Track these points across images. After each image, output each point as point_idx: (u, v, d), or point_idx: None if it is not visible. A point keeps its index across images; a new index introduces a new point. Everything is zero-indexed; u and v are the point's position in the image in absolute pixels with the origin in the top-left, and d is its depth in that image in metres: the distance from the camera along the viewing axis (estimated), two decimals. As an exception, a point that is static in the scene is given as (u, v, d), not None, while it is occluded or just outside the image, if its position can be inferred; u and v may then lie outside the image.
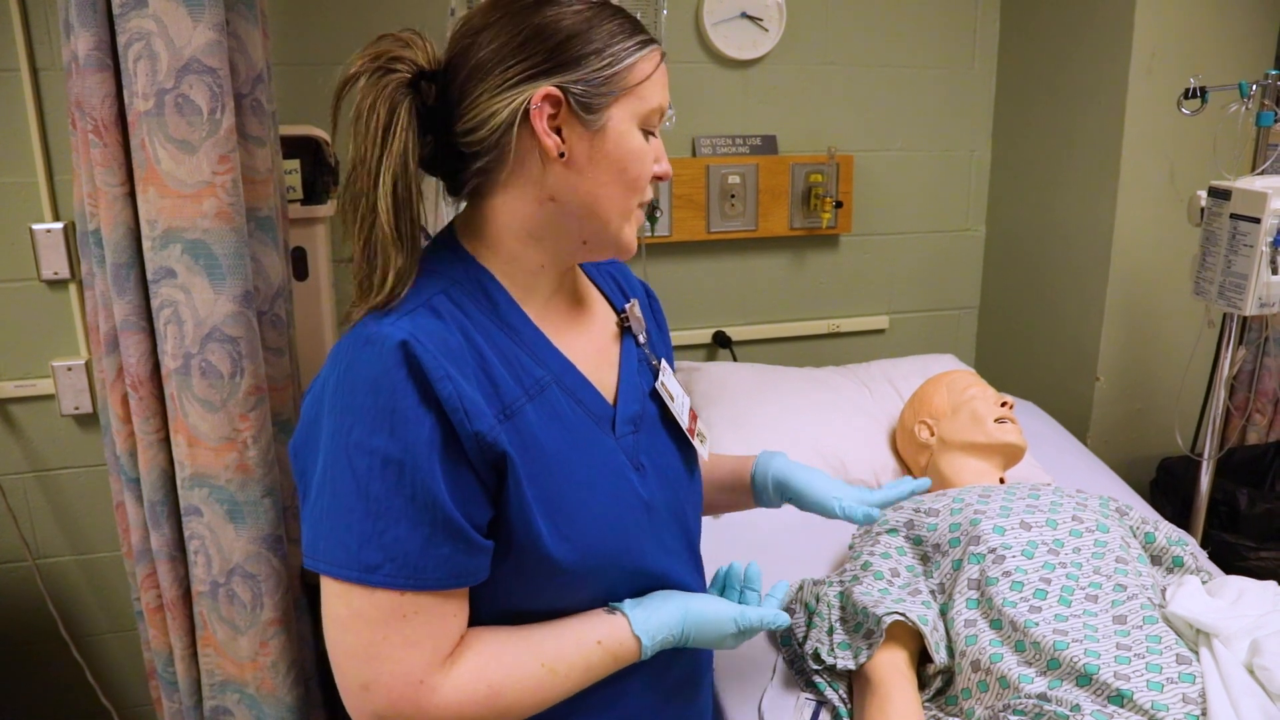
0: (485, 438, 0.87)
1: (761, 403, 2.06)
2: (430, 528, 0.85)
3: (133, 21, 1.25)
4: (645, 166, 0.96)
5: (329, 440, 0.86)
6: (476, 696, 0.89)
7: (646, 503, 1.01)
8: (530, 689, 0.92)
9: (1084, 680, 1.17)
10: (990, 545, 1.39)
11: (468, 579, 0.89)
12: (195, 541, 1.43)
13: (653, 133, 0.98)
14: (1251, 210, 1.71)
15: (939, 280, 2.68)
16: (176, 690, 1.57)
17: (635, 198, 0.97)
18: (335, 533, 0.85)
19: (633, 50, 0.93)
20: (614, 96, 0.92)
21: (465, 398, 0.86)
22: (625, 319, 1.11)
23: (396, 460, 0.83)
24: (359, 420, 0.84)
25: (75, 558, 2.11)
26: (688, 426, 1.10)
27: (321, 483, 0.87)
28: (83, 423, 2.04)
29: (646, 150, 0.96)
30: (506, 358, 0.94)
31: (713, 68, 2.32)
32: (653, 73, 0.95)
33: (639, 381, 1.08)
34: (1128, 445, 2.35)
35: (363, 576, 0.84)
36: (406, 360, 0.84)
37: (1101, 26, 2.17)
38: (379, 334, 0.85)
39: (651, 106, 0.95)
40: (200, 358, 1.34)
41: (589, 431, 0.99)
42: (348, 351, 0.87)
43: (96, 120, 1.30)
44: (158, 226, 1.31)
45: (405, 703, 0.86)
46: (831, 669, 1.36)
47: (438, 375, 0.84)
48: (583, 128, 0.92)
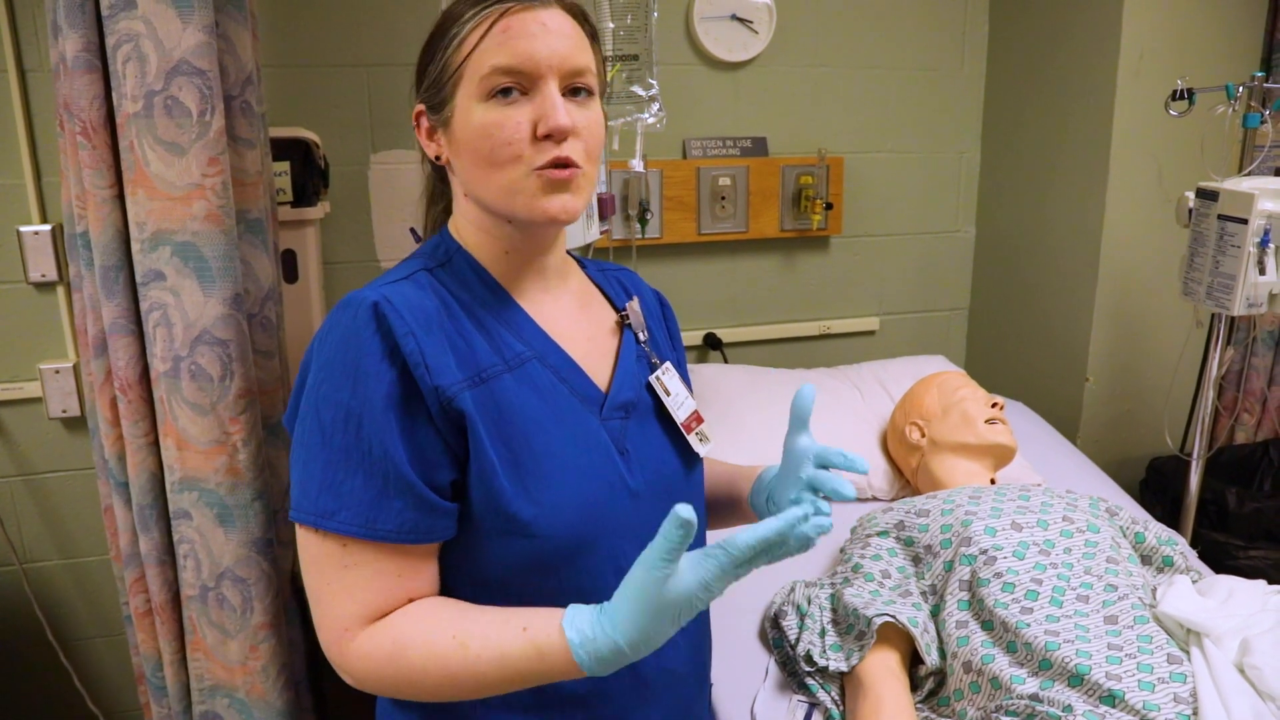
0: (445, 392, 0.89)
1: (753, 404, 2.06)
2: (384, 480, 0.88)
3: (121, 23, 1.24)
4: (499, 137, 0.92)
5: (307, 396, 0.91)
6: (380, 650, 0.89)
7: (632, 489, 1.01)
8: (435, 657, 0.86)
9: (1076, 681, 1.17)
10: (981, 546, 1.39)
11: (422, 536, 0.90)
12: (185, 545, 1.42)
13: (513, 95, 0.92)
14: (1239, 211, 1.72)
15: (929, 281, 2.68)
16: (165, 695, 1.56)
17: (509, 170, 0.93)
18: (302, 481, 0.90)
19: (458, 29, 0.93)
20: (450, 87, 0.94)
21: (428, 354, 0.89)
22: (625, 316, 1.11)
23: (357, 414, 0.88)
24: (330, 375, 0.89)
25: (62, 562, 2.10)
26: (683, 423, 1.10)
27: (298, 435, 0.92)
28: (70, 426, 2.03)
29: (497, 121, 0.91)
30: (488, 331, 0.97)
31: (703, 70, 2.32)
32: (481, 39, 0.92)
33: (636, 372, 1.08)
34: (1117, 445, 2.36)
35: (319, 521, 0.88)
36: (375, 318, 0.89)
37: (1089, 29, 2.18)
38: (356, 298, 0.91)
39: (483, 73, 0.91)
40: (190, 360, 1.34)
41: (572, 408, 0.99)
42: (329, 319, 0.93)
43: (85, 122, 1.30)
44: (147, 229, 1.31)
45: (333, 646, 0.91)
46: (824, 671, 1.36)
47: (402, 332, 0.88)
48: (441, 128, 0.97)
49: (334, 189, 1.98)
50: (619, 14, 1.63)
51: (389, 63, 2.06)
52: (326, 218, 1.94)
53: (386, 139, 2.11)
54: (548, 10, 0.93)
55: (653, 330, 1.15)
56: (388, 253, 2.17)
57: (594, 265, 1.17)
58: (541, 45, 0.91)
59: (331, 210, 1.98)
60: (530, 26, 0.91)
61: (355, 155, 2.09)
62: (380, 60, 2.06)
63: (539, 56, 0.91)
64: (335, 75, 2.05)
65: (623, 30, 1.64)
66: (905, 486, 1.95)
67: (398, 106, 2.06)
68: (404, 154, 2.11)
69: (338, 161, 2.01)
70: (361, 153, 2.10)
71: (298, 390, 0.95)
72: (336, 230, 2.11)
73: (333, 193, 1.97)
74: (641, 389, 1.08)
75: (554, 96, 0.92)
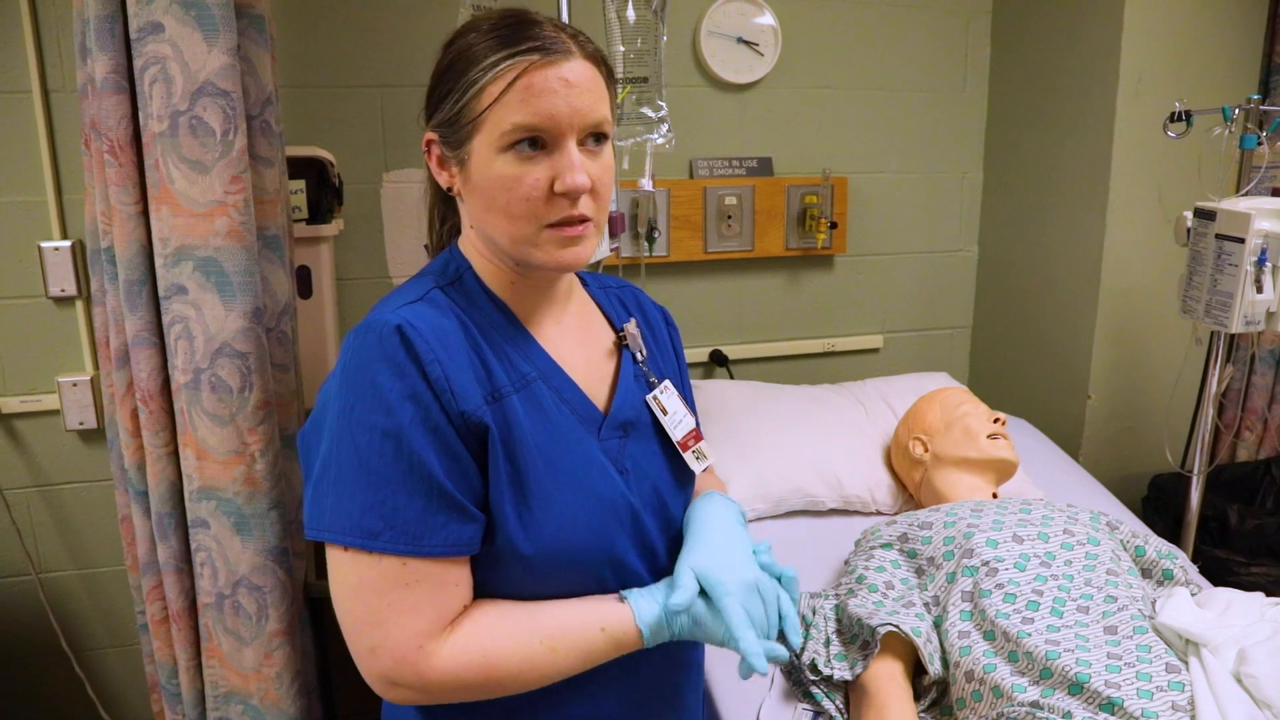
0: (470, 417, 0.92)
1: (759, 420, 2.09)
2: (426, 497, 0.90)
3: (149, 46, 1.28)
4: (516, 192, 0.93)
5: (334, 420, 0.91)
6: (470, 663, 0.92)
7: (632, 506, 1.03)
8: (527, 663, 0.94)
9: (1075, 689, 1.19)
10: (983, 558, 1.41)
11: (464, 548, 0.93)
12: (202, 554, 1.45)
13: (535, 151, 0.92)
14: (1236, 230, 1.75)
15: (932, 300, 2.71)
16: (180, 702, 1.58)
17: (523, 224, 0.94)
18: (340, 503, 0.90)
19: (479, 76, 0.92)
20: (468, 130, 0.93)
21: (453, 379, 0.91)
22: (623, 337, 1.13)
23: (394, 434, 0.89)
24: (360, 399, 0.90)
25: (77, 572, 2.13)
26: (680, 441, 1.11)
27: (327, 459, 0.92)
28: (87, 438, 2.06)
29: (516, 175, 0.92)
30: (498, 350, 0.99)
31: (710, 91, 2.37)
32: (503, 92, 0.91)
33: (635, 391, 1.10)
34: (1119, 462, 2.38)
35: (365, 543, 0.89)
36: (402, 343, 0.90)
37: (1090, 52, 2.22)
38: (378, 321, 0.92)
39: (504, 129, 0.91)
40: (210, 373, 1.37)
41: (572, 429, 1.01)
42: (351, 342, 0.93)
43: (112, 141, 1.34)
44: (170, 244, 1.34)
45: (406, 666, 0.90)
46: (828, 680, 1.38)
47: (428, 359, 0.90)
48: (455, 162, 0.97)
49: (348, 206, 2.02)
50: (629, 37, 1.66)
51: (401, 84, 2.11)
52: (340, 235, 1.98)
53: (399, 158, 2.15)
54: (569, 62, 0.93)
55: (652, 349, 1.17)
56: (399, 269, 2.21)
57: (596, 282, 1.19)
58: (563, 103, 0.91)
59: (345, 227, 2.02)
60: (552, 83, 0.91)
61: (368, 174, 2.13)
62: (393, 82, 2.10)
63: (560, 116, 0.91)
64: (349, 96, 2.10)
65: (633, 53, 1.68)
66: (908, 500, 1.98)
67: (410, 127, 2.11)
68: (416, 173, 2.15)
69: (351, 180, 2.05)
70: (374, 171, 2.14)
71: (320, 411, 0.95)
72: (350, 247, 2.15)
73: (346, 210, 2.01)
74: (641, 408, 1.10)
75: (572, 156, 0.93)
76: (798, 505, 1.95)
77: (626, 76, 1.69)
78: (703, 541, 1.04)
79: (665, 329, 1.23)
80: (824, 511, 1.97)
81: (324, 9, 2.06)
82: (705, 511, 1.09)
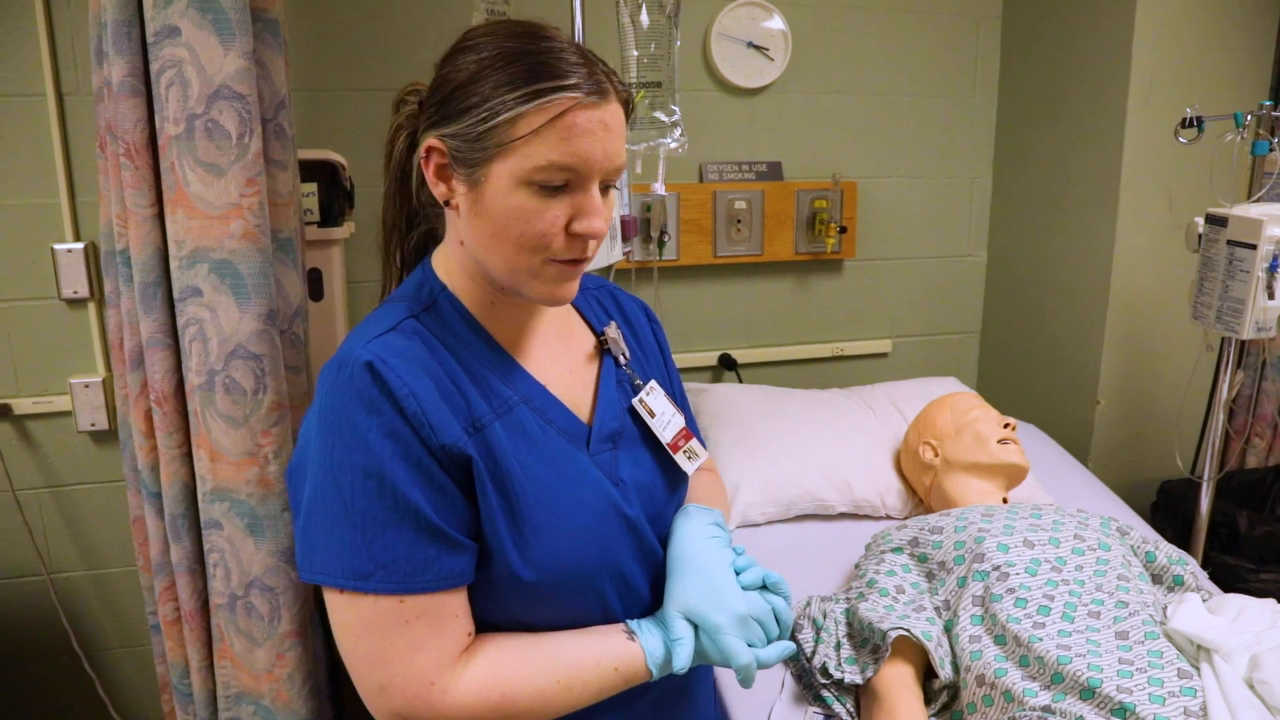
0: (452, 449, 0.90)
1: (768, 424, 2.09)
2: (415, 533, 0.89)
3: (166, 49, 1.29)
4: (534, 226, 0.90)
5: (316, 460, 0.90)
6: (489, 701, 0.92)
7: (629, 518, 1.02)
8: (543, 702, 0.95)
9: (1087, 694, 1.19)
10: (994, 563, 1.41)
11: (457, 580, 0.92)
12: (215, 554, 1.46)
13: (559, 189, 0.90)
14: (1248, 237, 1.75)
15: (941, 305, 2.72)
16: (191, 702, 1.59)
17: (530, 256, 0.92)
18: (329, 546, 0.89)
19: (516, 103, 0.87)
20: (491, 152, 0.89)
21: (429, 413, 0.89)
22: (604, 341, 1.12)
23: (375, 472, 0.88)
24: (338, 439, 0.88)
25: (88, 572, 2.14)
26: (669, 443, 1.10)
27: (313, 500, 0.91)
28: (99, 439, 2.07)
29: (536, 210, 0.90)
30: (475, 377, 0.97)
31: (720, 96, 2.37)
32: (542, 125, 0.87)
33: (618, 399, 1.09)
34: (1128, 468, 2.38)
35: (357, 584, 0.88)
36: (374, 379, 0.88)
37: (1100, 57, 2.22)
38: (349, 357, 0.90)
39: (538, 164, 0.88)
40: (224, 374, 1.38)
41: (561, 449, 1.00)
42: (326, 379, 0.92)
43: (128, 144, 1.35)
44: (185, 246, 1.35)
45: (419, 702, 0.90)
46: (839, 683, 1.39)
47: (402, 394, 0.88)
48: (464, 180, 0.92)
49: (358, 210, 2.03)
50: (643, 42, 1.67)
51: (413, 87, 2.11)
52: (351, 238, 1.99)
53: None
54: (608, 106, 0.91)
55: (634, 349, 1.15)
56: (409, 273, 2.21)
57: None
58: (599, 148, 0.90)
59: (356, 230, 2.03)
60: (593, 126, 0.89)
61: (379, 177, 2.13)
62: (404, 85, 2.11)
63: (594, 160, 0.90)
64: (361, 99, 2.11)
65: (646, 58, 1.68)
66: (919, 505, 1.98)
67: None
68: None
69: (363, 183, 2.06)
70: (386, 175, 2.14)
71: (303, 448, 0.94)
72: (360, 250, 2.15)
73: (357, 213, 2.02)
74: (625, 415, 1.08)
75: (597, 200, 0.92)
76: (808, 509, 1.95)
77: (640, 81, 1.70)
78: (687, 577, 1.02)
79: (647, 324, 1.21)
80: (834, 515, 1.97)
81: (335, 12, 2.07)
82: (683, 539, 1.07)
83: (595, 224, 0.92)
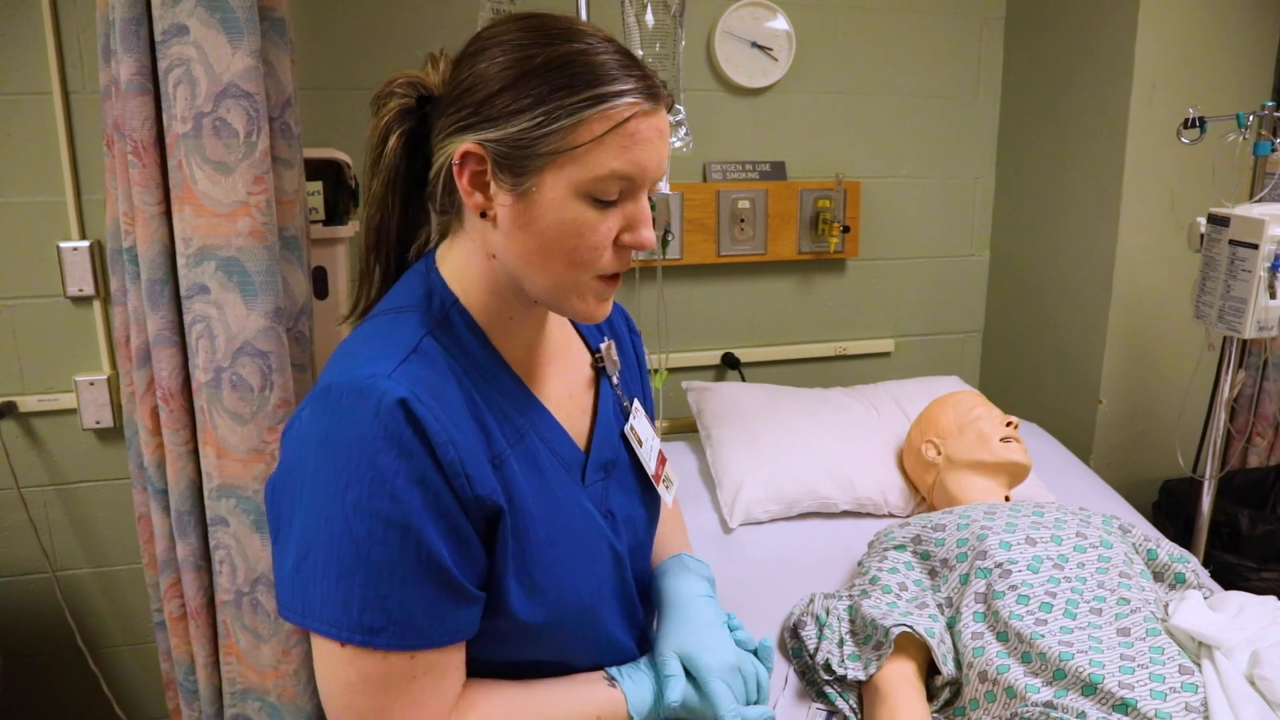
0: (485, 501, 0.85)
1: (771, 422, 2.10)
2: (435, 589, 0.83)
3: (174, 48, 1.30)
4: (587, 240, 0.85)
5: (321, 495, 0.81)
6: None
7: (618, 553, 1.01)
8: None
9: (1089, 690, 1.20)
10: (997, 560, 1.42)
11: (466, 633, 0.88)
12: (221, 551, 1.46)
13: (612, 201, 0.85)
14: (1250, 236, 1.75)
15: (944, 304, 2.72)
16: (197, 699, 1.60)
17: (579, 271, 0.87)
18: (333, 594, 0.81)
19: (577, 108, 0.81)
20: (545, 160, 0.82)
21: (467, 462, 0.83)
22: (600, 360, 1.08)
23: (400, 524, 0.80)
24: (355, 480, 0.79)
25: (92, 570, 2.14)
26: (654, 473, 1.08)
27: (311, 540, 0.82)
28: (103, 437, 2.08)
29: (590, 222, 0.84)
30: (490, 404, 0.91)
31: (724, 95, 2.38)
32: (606, 133, 0.82)
33: (614, 426, 1.06)
34: (1130, 467, 2.38)
35: (366, 640, 0.81)
36: (409, 420, 0.80)
37: (1103, 57, 2.22)
38: (374, 388, 0.80)
39: (600, 174, 0.82)
40: (231, 371, 1.38)
41: (562, 482, 0.96)
42: (338, 399, 0.81)
43: (136, 142, 1.35)
44: (192, 244, 1.36)
45: None
46: (842, 679, 1.39)
47: (442, 440, 0.81)
48: (508, 190, 0.84)
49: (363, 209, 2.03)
50: (648, 42, 1.68)
51: (418, 87, 2.12)
52: (355, 236, 1.99)
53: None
54: (661, 114, 0.86)
55: (621, 365, 1.12)
56: (414, 271, 2.21)
57: None
58: (655, 157, 0.85)
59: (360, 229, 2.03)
60: (652, 134, 0.84)
61: (381, 177, 2.14)
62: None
63: (649, 170, 0.86)
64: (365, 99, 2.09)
65: (651, 57, 1.69)
66: (921, 503, 1.98)
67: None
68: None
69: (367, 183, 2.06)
70: (390, 174, 2.15)
71: (293, 465, 0.84)
72: (365, 249, 2.16)
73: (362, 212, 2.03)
74: (619, 444, 1.06)
75: (647, 211, 0.88)
76: (810, 507, 1.95)
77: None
78: (682, 622, 1.04)
79: (628, 335, 1.18)
80: (836, 513, 1.97)
81: (338, 12, 2.08)
82: (678, 588, 1.09)
83: (648, 235, 0.88)
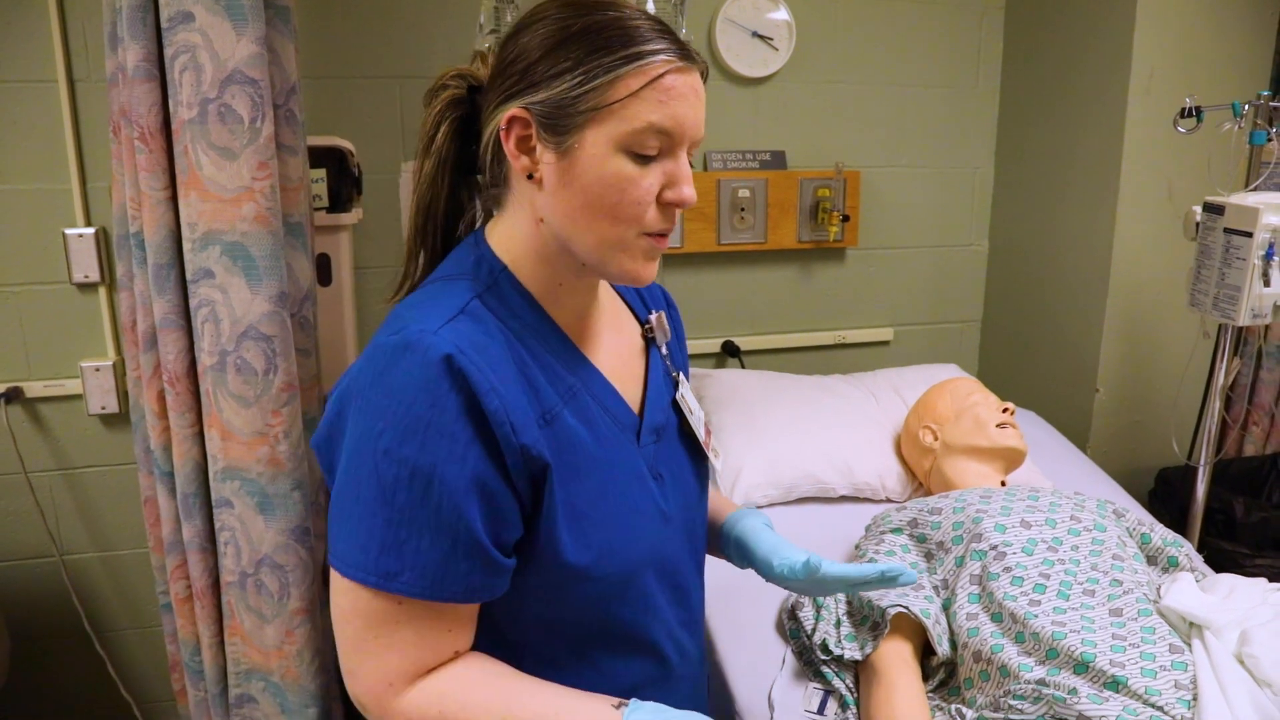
0: (530, 450, 0.86)
1: (771, 408, 2.11)
2: (452, 543, 0.84)
3: (180, 35, 1.32)
4: (630, 195, 0.87)
5: (356, 441, 0.85)
6: (427, 716, 0.88)
7: (665, 513, 1.02)
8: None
9: (1081, 668, 1.22)
10: (992, 542, 1.44)
11: (483, 595, 0.89)
12: (225, 533, 1.49)
13: (652, 156, 0.88)
14: (1244, 225, 1.77)
15: (943, 293, 2.74)
16: (202, 679, 1.62)
17: (624, 227, 0.89)
18: (356, 536, 0.85)
19: (613, 66, 0.85)
20: (585, 117, 0.86)
21: (512, 410, 0.85)
22: (650, 330, 1.11)
23: (425, 473, 0.82)
24: (390, 426, 0.82)
25: (98, 554, 2.17)
26: (704, 440, 1.11)
27: (344, 482, 0.86)
28: (109, 422, 2.10)
29: (632, 177, 0.87)
30: (541, 363, 0.93)
31: (724, 85, 2.39)
32: (642, 88, 0.85)
33: (665, 392, 1.08)
34: (1127, 455, 2.40)
35: (381, 583, 0.84)
36: (450, 373, 0.82)
37: (1101, 48, 2.23)
38: (421, 343, 0.83)
39: (637, 127, 0.86)
40: (236, 355, 1.40)
41: (615, 438, 0.98)
42: (385, 354, 0.85)
43: (142, 128, 1.37)
44: (198, 229, 1.38)
45: (372, 698, 0.88)
46: (839, 659, 1.41)
47: (484, 389, 0.83)
48: (553, 149, 0.88)
49: (366, 196, 2.05)
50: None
51: (419, 75, 2.13)
52: (359, 223, 2.01)
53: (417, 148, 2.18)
54: (695, 74, 0.90)
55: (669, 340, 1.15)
56: (416, 259, 2.23)
57: None
58: (692, 113, 0.89)
59: (364, 216, 2.05)
60: (686, 90, 0.88)
61: (387, 164, 2.16)
62: (411, 73, 2.13)
63: (687, 125, 0.88)
64: (369, 87, 2.13)
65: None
66: (918, 488, 2.00)
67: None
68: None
69: (370, 169, 2.08)
70: (393, 161, 2.16)
71: (333, 422, 0.89)
72: (368, 236, 2.17)
73: (365, 199, 2.04)
74: (669, 409, 1.08)
75: (687, 168, 0.90)
76: (809, 492, 1.97)
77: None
78: (787, 543, 1.12)
79: (668, 310, 1.20)
80: (835, 498, 1.99)
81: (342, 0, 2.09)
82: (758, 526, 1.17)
83: (688, 192, 0.90)
